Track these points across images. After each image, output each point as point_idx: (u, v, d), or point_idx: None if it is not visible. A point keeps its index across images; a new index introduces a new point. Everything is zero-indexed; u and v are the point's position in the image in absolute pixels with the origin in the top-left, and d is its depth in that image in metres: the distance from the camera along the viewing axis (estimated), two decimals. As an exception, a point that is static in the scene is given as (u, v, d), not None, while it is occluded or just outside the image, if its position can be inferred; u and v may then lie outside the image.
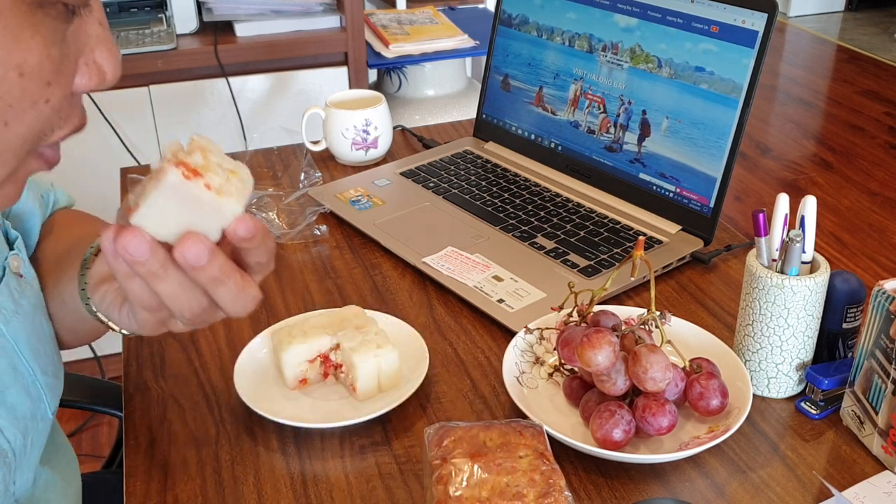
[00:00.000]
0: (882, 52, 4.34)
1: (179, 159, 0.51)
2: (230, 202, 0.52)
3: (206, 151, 0.52)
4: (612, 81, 1.10)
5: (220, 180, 0.52)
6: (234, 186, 0.52)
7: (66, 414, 2.02)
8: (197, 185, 0.50)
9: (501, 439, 0.66)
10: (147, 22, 1.95)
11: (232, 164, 0.53)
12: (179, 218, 0.52)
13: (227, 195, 0.52)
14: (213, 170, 0.52)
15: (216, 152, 0.53)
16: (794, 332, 0.78)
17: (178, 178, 0.50)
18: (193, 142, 0.52)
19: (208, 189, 0.51)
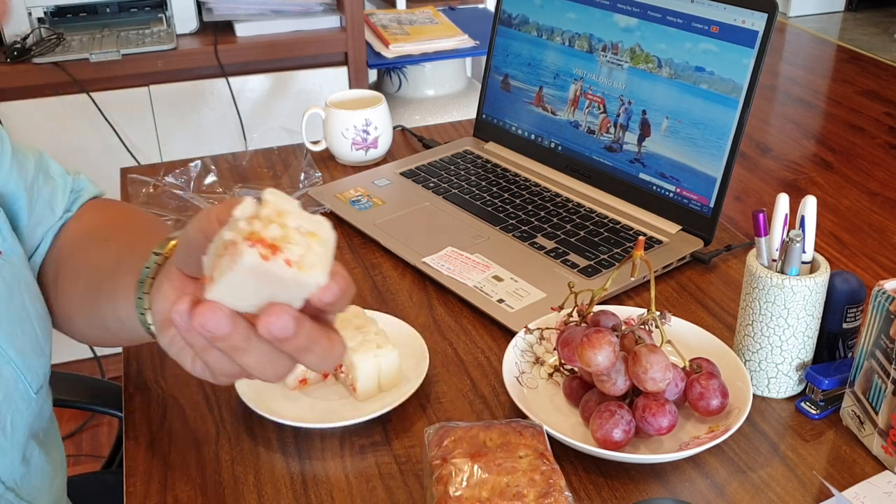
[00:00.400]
0: (882, 52, 4.34)
1: (255, 234, 0.46)
2: (313, 274, 0.47)
3: (282, 216, 0.47)
4: (612, 81, 1.10)
5: (301, 250, 0.47)
6: (316, 254, 0.48)
7: (66, 414, 2.03)
8: (276, 264, 0.46)
9: (501, 439, 0.66)
10: (147, 22, 1.95)
11: (311, 224, 0.49)
12: (259, 293, 0.48)
13: (310, 267, 0.47)
14: (292, 239, 0.47)
15: (293, 213, 0.48)
16: (794, 332, 0.78)
17: (255, 259, 0.45)
18: (268, 205, 0.48)
19: (289, 265, 0.46)
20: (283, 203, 0.48)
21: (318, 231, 0.49)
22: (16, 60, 1.79)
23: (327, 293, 0.48)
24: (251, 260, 0.45)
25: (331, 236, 0.50)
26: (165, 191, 1.17)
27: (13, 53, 1.79)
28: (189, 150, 1.93)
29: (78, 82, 1.81)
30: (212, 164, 1.23)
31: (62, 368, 2.02)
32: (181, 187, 1.17)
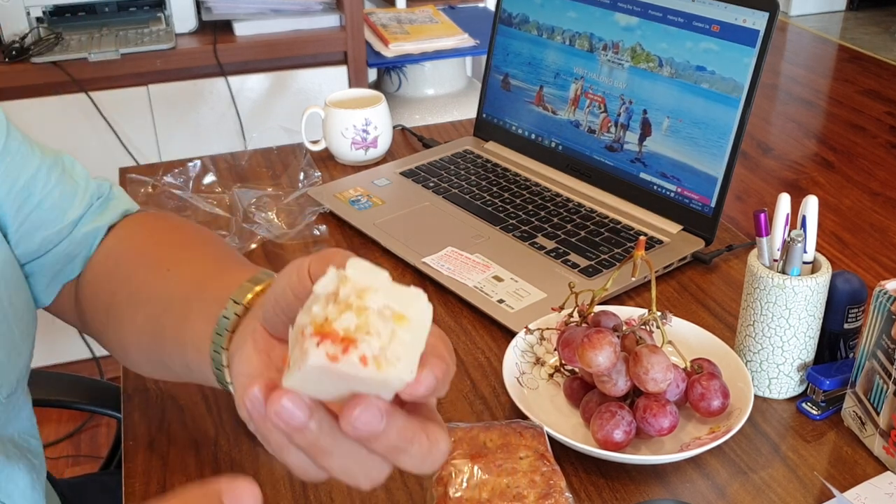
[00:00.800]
0: (883, 52, 4.33)
1: (327, 325, 0.40)
2: (396, 371, 0.40)
3: (364, 296, 0.40)
4: (612, 81, 1.10)
5: (381, 342, 0.40)
6: (402, 345, 0.40)
7: (64, 415, 2.02)
8: (348, 364, 0.39)
9: (502, 440, 0.66)
10: (146, 21, 1.95)
11: (401, 302, 0.41)
12: (338, 386, 0.41)
13: (392, 363, 0.40)
14: (371, 328, 0.40)
15: (379, 290, 0.41)
16: (796, 333, 0.77)
17: (321, 360, 0.39)
18: (347, 282, 0.41)
19: (364, 363, 0.39)
20: (368, 278, 0.41)
21: (407, 311, 0.41)
22: (14, 60, 1.79)
23: (419, 387, 0.41)
24: (317, 362, 0.39)
25: (424, 316, 0.42)
26: (164, 191, 1.16)
27: (11, 53, 1.79)
28: (188, 149, 1.93)
29: (76, 82, 1.81)
30: (211, 164, 1.23)
31: (60, 369, 2.02)
32: (180, 187, 1.17)
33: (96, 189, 0.76)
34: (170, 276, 0.65)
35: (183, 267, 0.66)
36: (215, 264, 0.65)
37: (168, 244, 0.71)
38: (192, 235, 0.72)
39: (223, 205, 1.14)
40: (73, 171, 0.76)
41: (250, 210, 1.11)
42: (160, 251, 0.70)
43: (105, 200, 0.76)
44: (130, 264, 0.70)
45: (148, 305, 0.65)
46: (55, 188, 0.73)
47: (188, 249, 0.69)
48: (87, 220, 0.74)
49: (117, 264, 0.71)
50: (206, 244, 0.70)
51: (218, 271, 0.62)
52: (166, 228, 0.74)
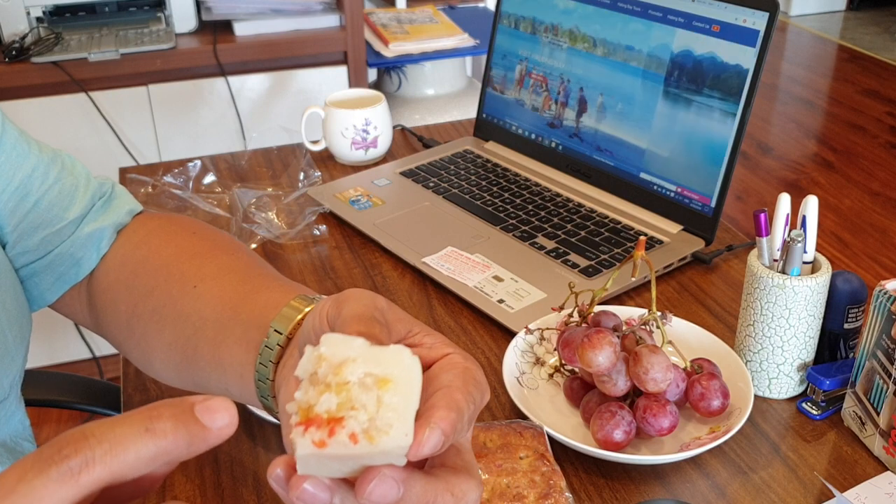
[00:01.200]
0: (883, 52, 4.33)
1: (309, 412, 0.38)
2: (391, 439, 0.38)
3: (341, 371, 0.39)
4: (615, 82, 1.10)
5: (369, 413, 0.38)
6: (392, 410, 0.38)
7: (64, 415, 2.02)
8: (338, 446, 0.37)
9: (502, 440, 0.66)
10: (146, 21, 1.95)
11: (382, 365, 0.39)
12: (344, 464, 0.40)
13: (384, 431, 0.38)
14: (354, 402, 0.38)
15: (357, 357, 0.39)
16: (796, 333, 0.77)
17: (310, 449, 0.38)
18: (322, 362, 0.39)
19: (354, 441, 0.38)
20: (342, 351, 0.39)
21: (390, 373, 0.39)
22: (14, 60, 1.79)
23: (422, 448, 0.39)
24: (305, 451, 0.38)
25: (411, 372, 0.39)
26: (164, 191, 1.16)
27: (11, 53, 1.79)
28: (188, 149, 1.93)
29: (76, 82, 1.81)
30: (211, 164, 1.23)
31: (60, 368, 2.02)
32: (180, 187, 1.17)
33: (98, 188, 0.74)
34: (197, 293, 0.63)
35: (210, 283, 0.64)
36: (245, 282, 0.63)
37: (190, 255, 0.67)
38: (212, 244, 0.69)
39: (223, 205, 1.14)
40: (73, 168, 0.74)
41: (250, 210, 1.11)
42: (182, 264, 0.67)
43: (108, 199, 0.74)
44: (151, 277, 0.67)
45: (177, 325, 0.63)
46: (54, 186, 0.71)
47: (212, 261, 0.66)
48: (90, 220, 0.72)
49: (136, 275, 0.68)
50: (228, 253, 0.67)
51: (250, 290, 0.61)
52: (185, 235, 0.71)
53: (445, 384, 0.41)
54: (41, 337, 2.02)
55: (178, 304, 0.64)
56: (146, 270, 0.68)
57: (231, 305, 0.60)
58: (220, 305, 0.61)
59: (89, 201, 0.73)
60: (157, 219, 0.74)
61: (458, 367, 0.43)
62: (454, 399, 0.41)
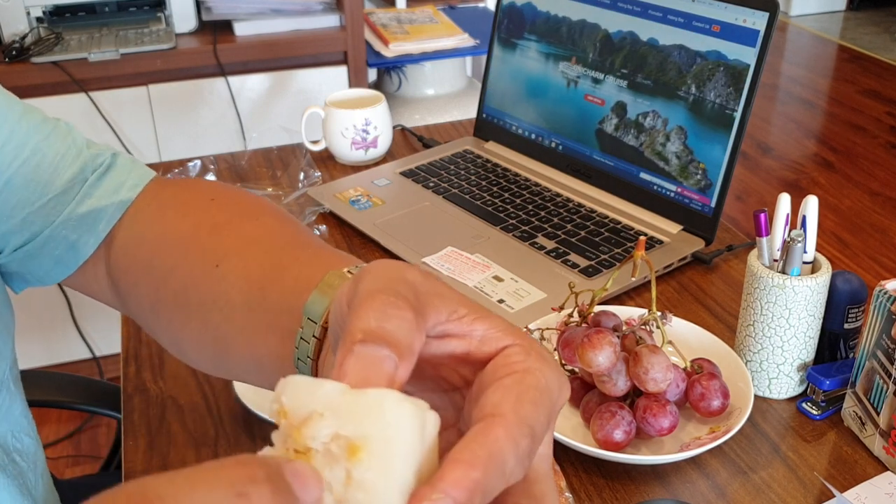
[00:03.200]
0: (883, 52, 4.33)
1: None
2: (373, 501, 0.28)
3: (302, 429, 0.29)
4: (613, 82, 1.10)
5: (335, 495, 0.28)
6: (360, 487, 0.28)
7: (64, 415, 2.02)
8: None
9: (501, 440, 0.66)
10: (146, 21, 1.95)
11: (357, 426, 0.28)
12: None
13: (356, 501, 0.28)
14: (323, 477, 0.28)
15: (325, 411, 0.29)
16: (796, 333, 0.77)
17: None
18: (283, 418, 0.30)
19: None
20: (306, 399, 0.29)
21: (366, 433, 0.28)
22: (14, 60, 1.79)
23: None
24: None
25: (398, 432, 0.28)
26: (164, 190, 1.16)
27: (11, 53, 1.78)
28: (188, 149, 1.93)
29: (77, 82, 1.81)
30: (211, 164, 1.23)
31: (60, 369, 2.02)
32: (180, 187, 1.17)
33: (92, 159, 0.64)
34: (220, 274, 0.55)
35: (234, 260, 0.55)
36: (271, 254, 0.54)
37: (209, 228, 0.58)
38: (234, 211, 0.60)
39: (223, 205, 1.14)
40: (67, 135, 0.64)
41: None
42: (202, 239, 0.58)
43: (105, 172, 0.64)
44: (170, 256, 0.59)
45: (201, 311, 0.55)
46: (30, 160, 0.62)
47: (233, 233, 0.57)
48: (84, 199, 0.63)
49: (154, 254, 0.60)
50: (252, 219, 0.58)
51: (277, 266, 0.52)
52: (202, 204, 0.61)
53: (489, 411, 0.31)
54: (41, 337, 2.02)
55: (201, 287, 0.55)
56: (164, 248, 0.60)
57: (258, 286, 0.52)
58: (247, 286, 0.52)
59: (78, 175, 0.63)
60: (171, 186, 0.65)
61: (514, 375, 0.32)
62: (487, 442, 0.29)
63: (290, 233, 0.57)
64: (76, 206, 0.63)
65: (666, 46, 1.03)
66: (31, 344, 2.01)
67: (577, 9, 1.13)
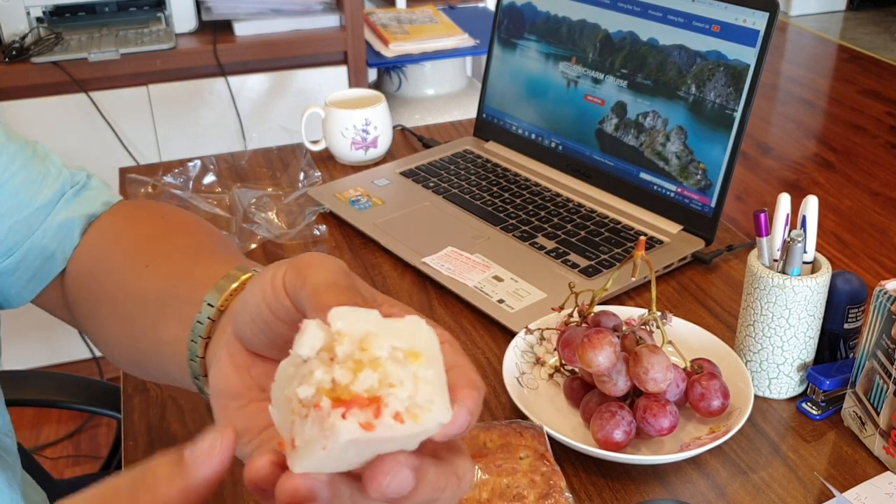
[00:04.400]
0: (883, 52, 4.33)
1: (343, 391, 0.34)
2: (433, 416, 0.34)
3: (367, 345, 0.34)
4: (613, 82, 1.10)
5: (408, 390, 0.34)
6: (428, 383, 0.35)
7: (64, 415, 2.02)
8: (384, 428, 0.34)
9: (502, 440, 0.66)
10: (146, 21, 1.95)
11: (405, 338, 0.35)
12: (363, 453, 0.35)
13: (426, 408, 0.34)
14: (391, 378, 0.34)
15: (379, 333, 0.35)
16: (796, 333, 0.77)
17: (355, 433, 0.33)
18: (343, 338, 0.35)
19: (400, 422, 0.34)
20: (361, 324, 0.35)
21: (417, 346, 0.35)
22: (14, 60, 1.79)
23: (454, 426, 0.36)
24: (350, 436, 0.34)
25: (433, 344, 0.36)
26: (164, 191, 1.16)
27: (11, 53, 1.79)
28: (188, 149, 1.93)
29: (76, 82, 1.81)
30: (211, 164, 1.23)
31: (60, 369, 2.02)
32: (180, 187, 1.17)
33: (70, 177, 0.69)
34: (147, 272, 0.59)
35: (160, 261, 0.60)
36: (189, 257, 0.59)
37: (148, 236, 0.64)
38: (173, 224, 0.65)
39: (223, 205, 1.14)
40: (45, 157, 0.69)
41: (250, 210, 1.11)
42: (139, 244, 0.63)
43: (80, 189, 0.69)
44: (111, 260, 0.64)
45: (125, 304, 0.60)
46: (19, 173, 0.66)
47: (167, 241, 0.63)
48: (60, 210, 0.67)
49: (99, 260, 0.65)
50: (187, 233, 0.64)
51: (191, 265, 0.57)
52: (152, 219, 0.67)
53: (453, 363, 0.38)
54: (41, 337, 2.02)
55: (131, 285, 0.60)
56: (107, 255, 0.65)
57: (173, 281, 0.56)
58: (164, 283, 0.57)
59: (59, 189, 0.68)
60: (130, 205, 0.70)
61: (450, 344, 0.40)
62: (472, 378, 0.38)
63: (214, 244, 0.63)
64: (54, 217, 0.67)
65: (666, 46, 1.03)
66: (31, 344, 2.01)
67: (577, 9, 1.13)
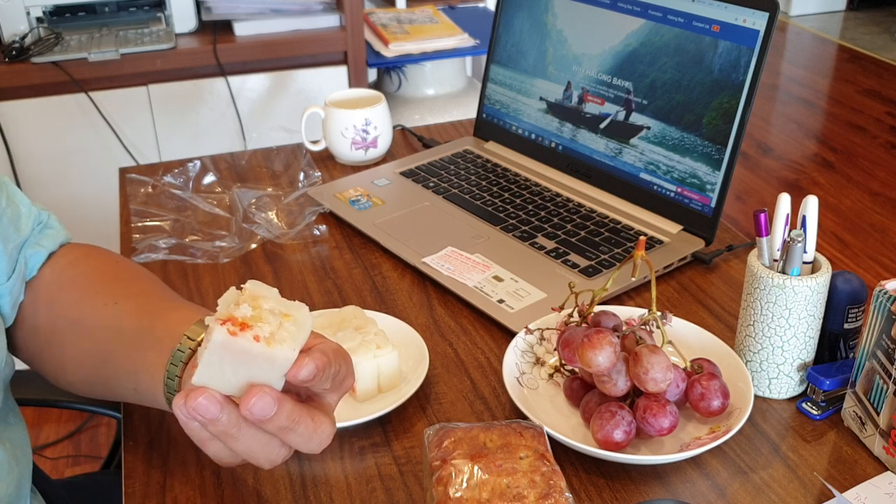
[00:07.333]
0: (883, 52, 4.33)
1: (228, 315, 0.51)
2: (282, 349, 0.51)
3: (257, 299, 0.52)
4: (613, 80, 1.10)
5: (271, 328, 0.51)
6: (288, 331, 0.52)
7: (64, 415, 2.02)
8: (245, 339, 0.50)
9: (502, 440, 0.66)
10: (146, 21, 1.95)
11: (286, 307, 0.53)
12: (237, 372, 0.51)
13: (279, 342, 0.51)
14: (263, 318, 0.51)
15: (270, 297, 0.53)
16: (796, 333, 0.77)
17: (223, 335, 0.50)
18: (245, 292, 0.53)
19: (257, 340, 0.51)
20: (261, 290, 0.53)
21: (292, 312, 0.52)
22: (14, 60, 1.79)
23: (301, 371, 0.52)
24: (221, 336, 0.50)
25: (306, 321, 0.53)
26: (164, 191, 1.17)
27: (11, 53, 1.79)
28: (188, 149, 1.93)
29: (76, 82, 1.81)
30: (211, 164, 1.23)
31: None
32: (180, 187, 1.17)
33: (37, 214, 0.80)
34: (118, 308, 0.72)
35: (130, 301, 0.73)
36: (160, 302, 0.74)
37: (112, 278, 0.77)
38: (132, 273, 0.79)
39: (223, 205, 1.14)
40: (13, 197, 0.78)
41: (250, 210, 1.11)
42: (106, 285, 0.76)
43: (44, 227, 0.80)
44: (73, 294, 0.75)
45: (95, 333, 0.72)
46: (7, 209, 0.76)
47: (131, 284, 0.77)
48: (31, 243, 0.77)
49: (60, 291, 0.76)
50: (144, 281, 0.78)
51: (166, 309, 0.71)
52: (108, 263, 0.80)
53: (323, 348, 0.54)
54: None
55: (100, 316, 0.72)
56: (71, 289, 0.76)
57: (148, 319, 0.70)
58: (138, 319, 0.70)
59: (34, 223, 0.79)
60: (83, 248, 0.82)
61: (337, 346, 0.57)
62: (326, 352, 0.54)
63: (170, 292, 0.78)
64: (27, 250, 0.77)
65: (666, 46, 1.03)
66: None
67: (577, 9, 1.13)
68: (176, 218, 1.11)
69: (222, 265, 1.03)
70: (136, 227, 1.10)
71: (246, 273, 1.02)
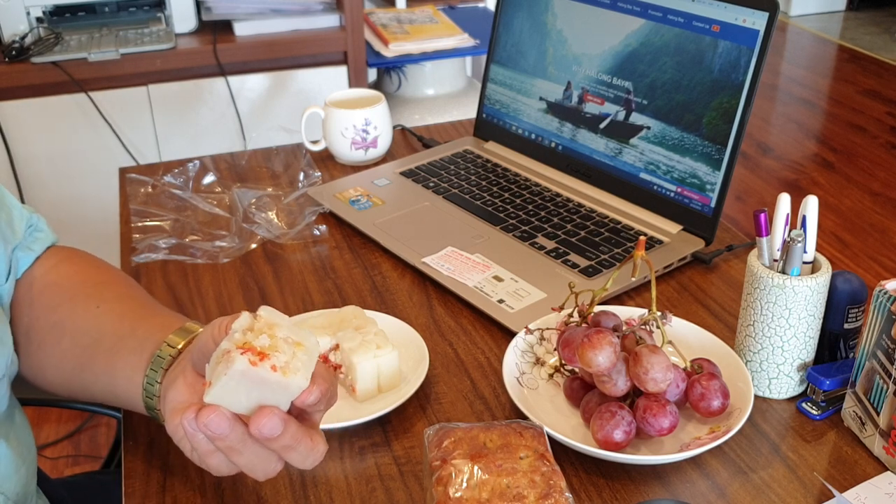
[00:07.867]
0: (883, 52, 4.33)
1: (248, 343, 0.55)
2: (296, 379, 0.56)
3: (272, 328, 0.56)
4: (611, 80, 1.10)
5: (286, 357, 0.56)
6: (301, 361, 0.56)
7: (64, 414, 2.02)
8: (264, 369, 0.55)
9: (502, 440, 0.66)
10: (146, 21, 1.95)
11: (299, 336, 0.57)
12: (250, 395, 0.56)
13: (293, 372, 0.56)
14: (279, 348, 0.56)
15: (283, 325, 0.57)
16: (796, 333, 0.77)
17: (245, 365, 0.54)
18: (260, 319, 0.57)
19: (274, 371, 0.55)
20: (275, 317, 0.58)
21: (303, 341, 0.57)
22: (14, 60, 1.79)
23: (310, 396, 0.57)
24: (242, 366, 0.54)
25: (315, 346, 0.58)
26: (164, 190, 1.17)
27: (11, 53, 1.79)
28: (188, 149, 1.93)
29: (76, 82, 1.81)
30: (210, 164, 1.23)
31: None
32: (180, 187, 1.17)
33: (28, 217, 0.82)
34: (99, 312, 0.75)
35: (111, 305, 0.76)
36: (141, 308, 0.76)
37: (94, 282, 0.79)
38: (114, 277, 0.81)
39: (223, 205, 1.14)
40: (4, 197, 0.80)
41: (250, 210, 1.11)
42: (88, 288, 0.78)
43: (34, 230, 0.82)
44: (56, 296, 0.77)
45: (75, 336, 0.74)
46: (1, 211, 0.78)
47: (113, 288, 0.79)
48: (22, 246, 0.79)
49: (42, 293, 0.78)
50: (127, 287, 0.80)
51: (148, 314, 0.74)
52: (91, 267, 0.82)
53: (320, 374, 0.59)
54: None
55: (80, 319, 0.75)
56: (53, 291, 0.78)
57: (129, 323, 0.72)
58: (119, 323, 0.73)
59: (26, 225, 0.81)
60: (67, 251, 0.84)
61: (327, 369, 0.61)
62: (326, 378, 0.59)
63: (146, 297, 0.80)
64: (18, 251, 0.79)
65: (666, 46, 1.03)
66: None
67: (577, 9, 1.13)
68: (176, 218, 1.11)
69: (222, 265, 1.03)
70: (136, 227, 1.10)
71: (246, 273, 1.02)
